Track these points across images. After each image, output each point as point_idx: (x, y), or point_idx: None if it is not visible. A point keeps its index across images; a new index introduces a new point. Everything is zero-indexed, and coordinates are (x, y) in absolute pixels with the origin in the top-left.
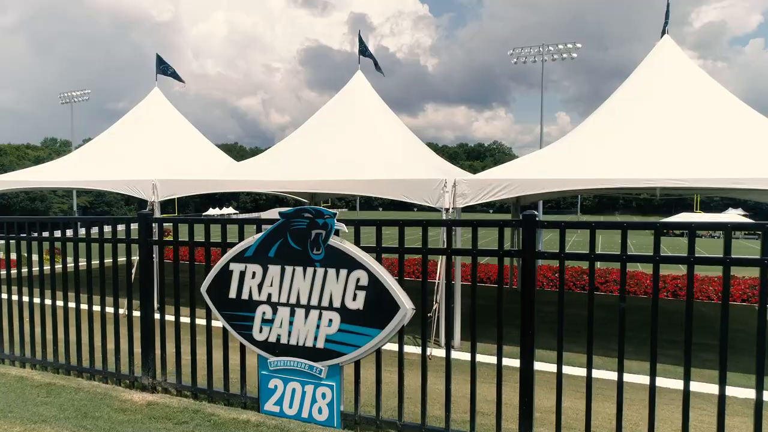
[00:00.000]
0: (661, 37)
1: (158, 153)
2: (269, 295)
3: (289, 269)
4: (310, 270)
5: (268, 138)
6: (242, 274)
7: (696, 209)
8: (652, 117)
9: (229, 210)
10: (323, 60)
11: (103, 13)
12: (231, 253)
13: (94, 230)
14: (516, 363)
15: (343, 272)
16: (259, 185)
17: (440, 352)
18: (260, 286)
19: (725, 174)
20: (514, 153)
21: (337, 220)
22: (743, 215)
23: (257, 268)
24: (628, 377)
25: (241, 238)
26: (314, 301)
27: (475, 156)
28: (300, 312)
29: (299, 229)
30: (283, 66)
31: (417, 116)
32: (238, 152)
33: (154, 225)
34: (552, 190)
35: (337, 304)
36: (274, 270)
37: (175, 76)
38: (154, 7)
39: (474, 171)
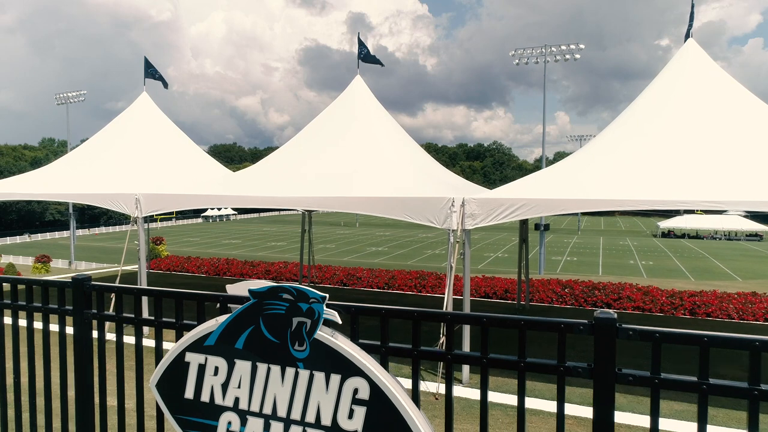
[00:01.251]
0: (685, 40)
1: (145, 162)
2: (236, 400)
3: (262, 367)
4: (290, 371)
5: (267, 137)
6: (201, 369)
7: (697, 210)
8: (677, 128)
9: (228, 210)
10: (322, 60)
11: (102, 13)
12: (187, 338)
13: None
14: (543, 405)
15: (335, 378)
16: (249, 201)
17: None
18: (225, 387)
19: (764, 196)
20: (514, 153)
21: (328, 305)
22: (743, 215)
23: (221, 363)
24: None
25: (202, 319)
26: (296, 414)
27: (474, 156)
28: (277, 427)
29: (276, 314)
30: (282, 65)
31: (416, 116)
32: (236, 152)
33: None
34: (573, 211)
35: (326, 421)
36: (242, 366)
37: (161, 78)
38: (153, 6)
39: (473, 171)
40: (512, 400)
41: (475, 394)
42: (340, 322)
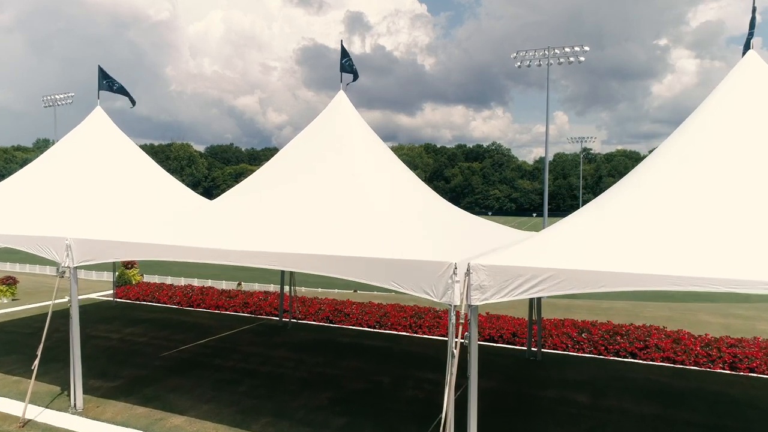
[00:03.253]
0: (743, 53)
1: (89, 196)
2: None
3: None
4: None
5: (266, 137)
6: None
7: None
8: (746, 166)
9: None
10: (320, 59)
11: (101, 12)
12: None
13: None
14: None
15: None
16: (203, 254)
17: None
18: None
19: None
20: (513, 154)
21: None
22: None
23: None
24: None
25: None
26: None
27: (473, 157)
28: None
29: None
30: (280, 65)
31: (415, 116)
32: (233, 153)
33: None
34: (619, 289)
35: None
36: None
37: (123, 92)
38: (151, 6)
39: (473, 172)
40: None
41: None
42: None
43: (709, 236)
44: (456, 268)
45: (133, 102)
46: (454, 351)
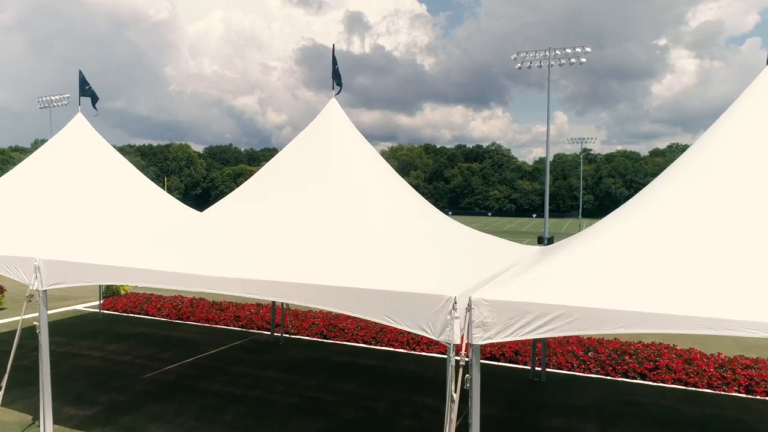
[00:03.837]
0: None
1: (68, 210)
2: None
3: None
4: None
5: (266, 137)
6: None
7: None
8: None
9: None
10: (319, 59)
11: (100, 12)
12: None
13: None
14: None
15: None
16: (193, 282)
17: None
18: None
19: None
20: (513, 154)
21: None
22: None
23: None
24: None
25: None
26: None
27: (473, 157)
28: None
29: None
30: (279, 65)
31: (414, 116)
32: (231, 154)
33: None
34: (643, 331)
35: None
36: None
37: (93, 97)
38: (151, 6)
39: (472, 173)
40: None
41: None
42: None
43: (745, 269)
44: (455, 302)
45: (96, 111)
46: (454, 395)
